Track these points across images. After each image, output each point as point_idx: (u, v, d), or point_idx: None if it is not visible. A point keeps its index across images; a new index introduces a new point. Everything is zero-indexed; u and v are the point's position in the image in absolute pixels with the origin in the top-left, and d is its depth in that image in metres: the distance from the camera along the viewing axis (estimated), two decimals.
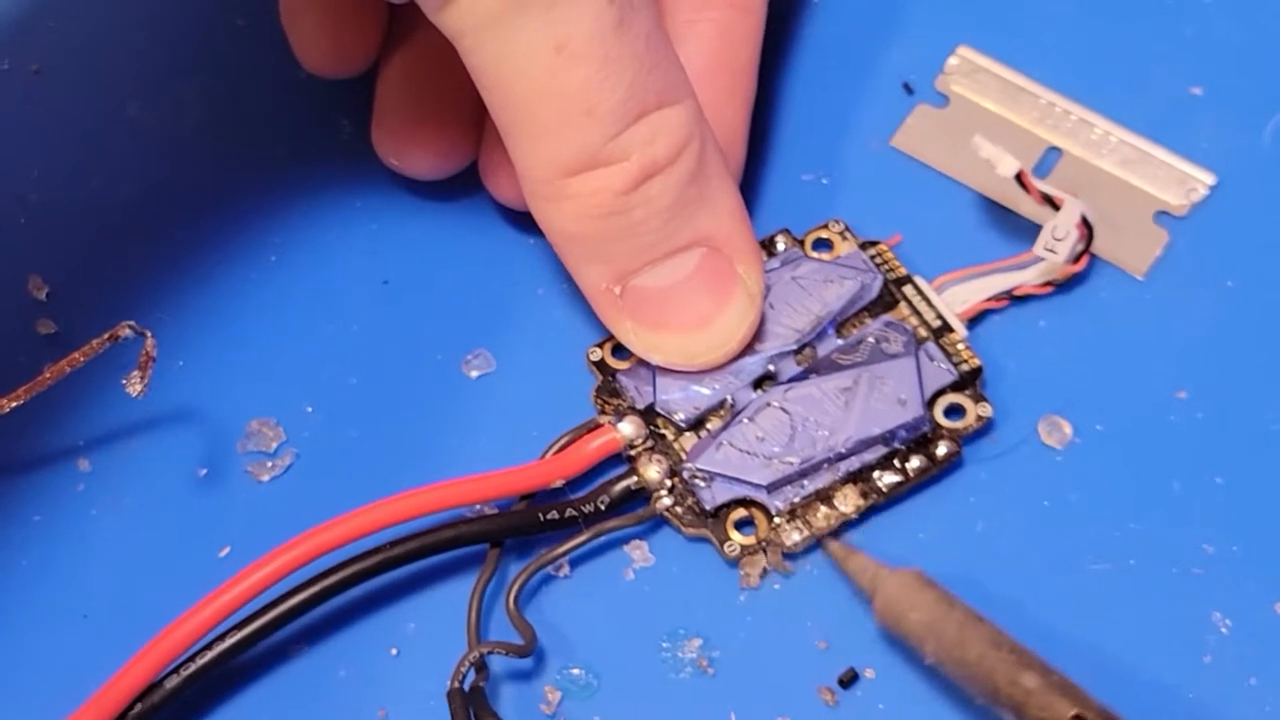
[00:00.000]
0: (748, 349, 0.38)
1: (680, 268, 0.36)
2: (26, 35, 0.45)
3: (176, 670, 0.35)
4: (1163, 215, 0.40)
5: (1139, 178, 0.41)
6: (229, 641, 0.35)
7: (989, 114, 0.42)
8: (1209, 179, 0.40)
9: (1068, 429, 0.38)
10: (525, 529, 0.37)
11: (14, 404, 0.35)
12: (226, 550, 0.38)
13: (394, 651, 0.37)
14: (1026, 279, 0.39)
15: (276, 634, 0.36)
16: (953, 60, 0.42)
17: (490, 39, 0.33)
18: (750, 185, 0.41)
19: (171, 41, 0.45)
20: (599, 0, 0.33)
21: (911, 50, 0.43)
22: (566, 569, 0.37)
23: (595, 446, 0.38)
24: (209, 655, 0.35)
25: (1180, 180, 0.41)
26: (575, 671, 0.37)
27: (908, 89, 0.42)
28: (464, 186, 0.41)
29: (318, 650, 0.37)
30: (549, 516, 0.37)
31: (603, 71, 0.34)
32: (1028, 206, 0.40)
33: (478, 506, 0.37)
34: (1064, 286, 0.39)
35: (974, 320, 0.39)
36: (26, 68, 0.45)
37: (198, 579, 0.37)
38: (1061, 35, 0.43)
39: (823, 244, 0.40)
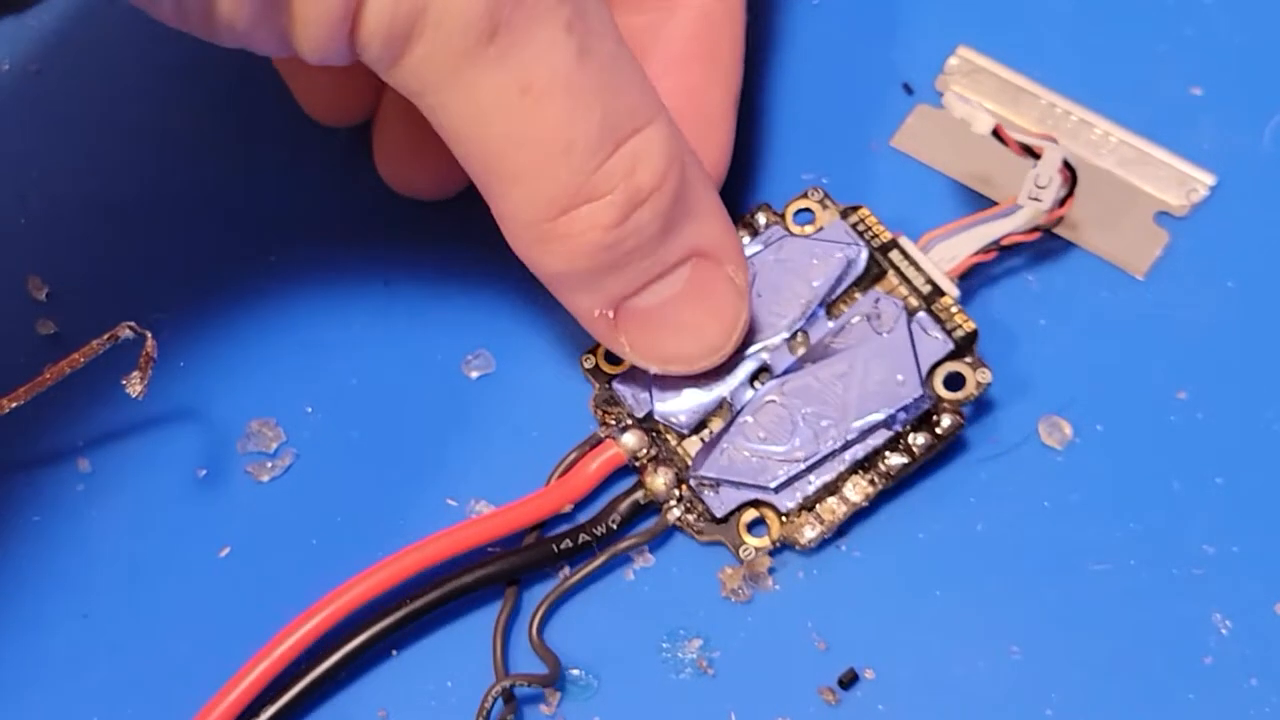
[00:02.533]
0: (742, 344, 0.38)
1: (673, 283, 0.36)
2: (26, 35, 0.45)
3: None
4: (1163, 215, 0.40)
5: (1139, 178, 0.41)
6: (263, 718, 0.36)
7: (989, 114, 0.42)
8: (1209, 179, 0.40)
9: (1068, 429, 0.38)
10: (541, 563, 0.37)
11: (14, 404, 0.35)
12: (226, 550, 0.38)
13: (394, 653, 0.37)
14: (1013, 226, 0.38)
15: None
16: (953, 60, 0.42)
17: (451, 95, 0.33)
18: (750, 184, 0.41)
19: (172, 41, 0.45)
20: (555, 32, 0.32)
21: (911, 50, 0.43)
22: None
23: (599, 465, 0.38)
24: None
25: (1180, 181, 0.41)
26: (575, 672, 0.37)
27: (908, 89, 0.42)
28: (463, 186, 0.41)
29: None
30: (563, 546, 0.37)
31: (573, 105, 0.33)
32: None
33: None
34: (1064, 286, 0.39)
35: (964, 277, 0.39)
36: (26, 68, 0.45)
37: (198, 579, 0.37)
38: (1062, 36, 0.43)
39: (804, 214, 0.40)
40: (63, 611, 0.38)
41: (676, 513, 0.37)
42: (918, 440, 0.37)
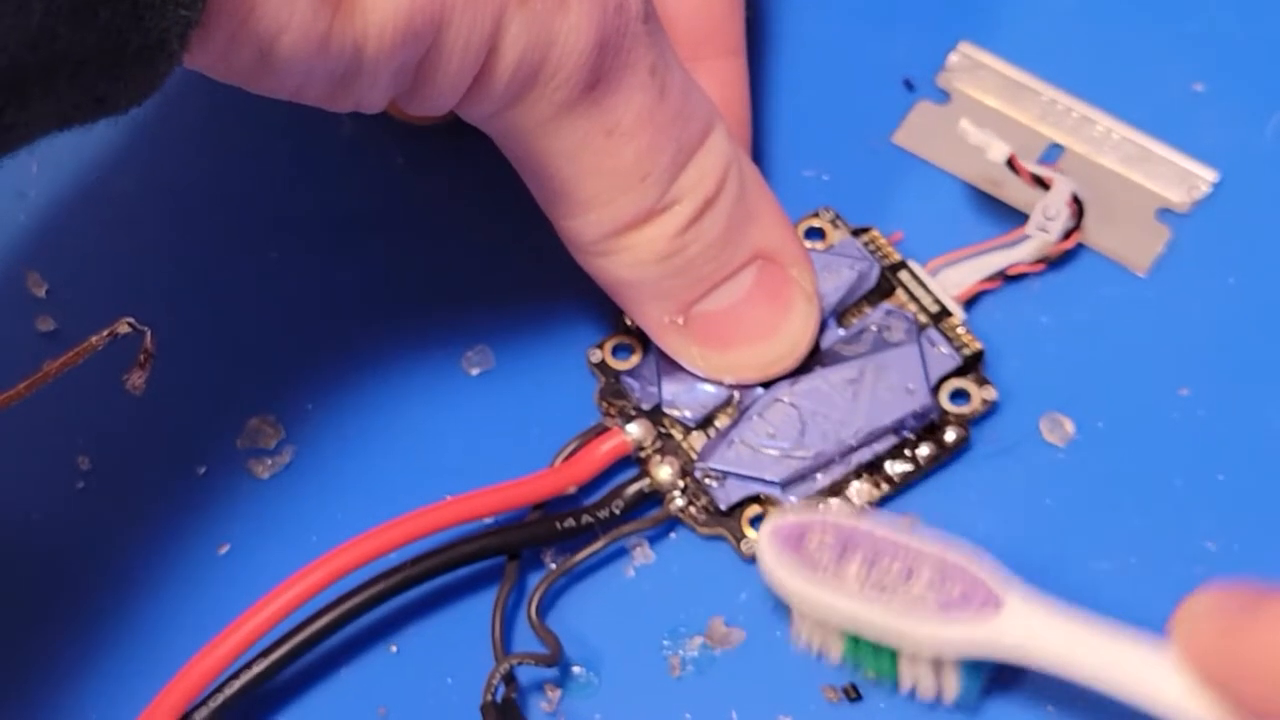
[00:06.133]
0: None
1: (739, 286, 0.36)
2: None
3: (204, 702, 0.35)
4: (1165, 212, 0.40)
5: (1141, 174, 0.41)
6: (255, 670, 0.35)
7: (991, 111, 0.42)
8: (1211, 176, 0.40)
9: (1069, 426, 0.38)
10: (543, 539, 0.37)
11: (13, 401, 0.35)
12: (226, 548, 0.38)
13: (394, 649, 0.37)
14: (1019, 257, 0.39)
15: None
16: (954, 57, 0.42)
17: (537, 138, 0.34)
18: None
19: None
20: (643, 77, 0.33)
21: (912, 47, 0.43)
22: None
23: (605, 451, 0.38)
24: (235, 685, 0.35)
25: (1182, 177, 0.40)
26: (576, 669, 0.37)
27: (909, 85, 0.42)
28: (465, 182, 0.41)
29: (318, 648, 0.37)
30: (566, 525, 0.37)
31: (653, 141, 0.34)
32: (1029, 201, 0.39)
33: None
34: (1066, 283, 0.39)
35: (970, 302, 0.39)
36: None
37: (198, 577, 0.37)
38: (1063, 32, 0.43)
39: (814, 233, 0.40)
40: (62, 610, 0.38)
41: (680, 503, 0.37)
42: (922, 451, 0.37)
